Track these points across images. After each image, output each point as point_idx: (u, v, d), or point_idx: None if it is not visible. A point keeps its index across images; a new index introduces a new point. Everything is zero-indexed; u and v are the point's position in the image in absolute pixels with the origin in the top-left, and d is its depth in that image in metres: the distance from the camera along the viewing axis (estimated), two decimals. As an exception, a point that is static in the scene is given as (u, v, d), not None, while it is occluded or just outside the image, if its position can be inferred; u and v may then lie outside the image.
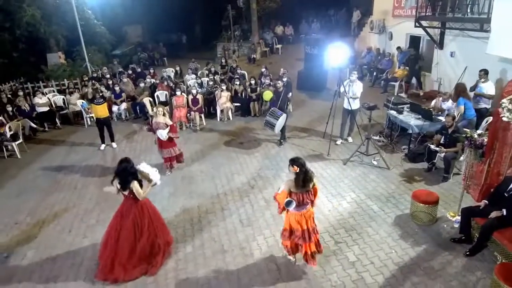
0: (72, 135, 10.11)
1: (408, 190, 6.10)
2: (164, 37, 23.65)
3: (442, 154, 6.13)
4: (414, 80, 11.99)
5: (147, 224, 4.65)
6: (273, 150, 8.20)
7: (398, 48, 12.23)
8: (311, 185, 4.14)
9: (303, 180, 4.05)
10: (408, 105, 7.95)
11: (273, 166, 7.38)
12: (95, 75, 13.06)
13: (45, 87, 12.71)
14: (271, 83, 10.31)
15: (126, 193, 4.53)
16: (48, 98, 10.96)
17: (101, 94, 8.72)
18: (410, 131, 7.20)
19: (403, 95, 10.61)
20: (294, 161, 4.09)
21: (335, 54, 7.18)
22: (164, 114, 6.96)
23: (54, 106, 10.99)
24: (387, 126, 8.25)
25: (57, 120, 10.72)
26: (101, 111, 8.46)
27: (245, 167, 7.46)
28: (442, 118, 7.21)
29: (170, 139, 7.04)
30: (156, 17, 22.09)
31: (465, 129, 5.69)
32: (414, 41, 11.96)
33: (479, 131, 5.01)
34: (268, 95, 10.09)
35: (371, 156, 7.23)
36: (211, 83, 11.04)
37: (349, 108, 7.75)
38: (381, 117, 8.95)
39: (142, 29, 22.60)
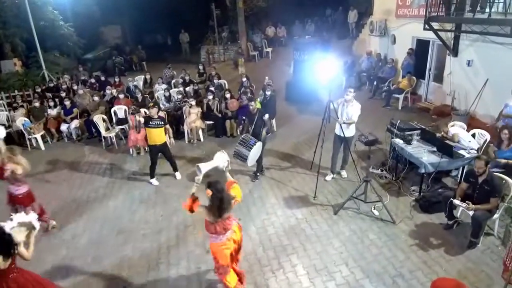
0: (9, 160, 8.35)
1: (422, 262, 4.34)
2: (149, 39, 21.95)
3: (471, 212, 4.37)
4: (422, 91, 10.26)
5: None
6: (245, 187, 6.42)
7: (410, 49, 10.34)
8: (227, 214, 3.61)
9: (219, 209, 3.52)
10: (419, 132, 6.17)
11: (241, 214, 5.61)
12: (51, 85, 11.29)
13: (-7, 100, 10.96)
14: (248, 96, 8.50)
15: (7, 264, 3.19)
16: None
17: (157, 115, 6.54)
18: (423, 170, 5.43)
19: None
20: (210, 185, 3.55)
21: (324, 70, 5.44)
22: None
23: (-6, 124, 9.23)
24: (391, 157, 6.46)
25: (-5, 141, 8.96)
26: (157, 136, 6.42)
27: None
28: (464, 153, 5.45)
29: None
30: (139, 17, 20.31)
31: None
32: (422, 45, 10.18)
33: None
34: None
35: (370, 203, 5.47)
36: (179, 96, 9.26)
37: (342, 135, 5.98)
38: (383, 141, 7.21)
39: (122, 29, 20.77)
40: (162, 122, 6.51)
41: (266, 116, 6.27)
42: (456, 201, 4.42)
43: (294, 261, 4.51)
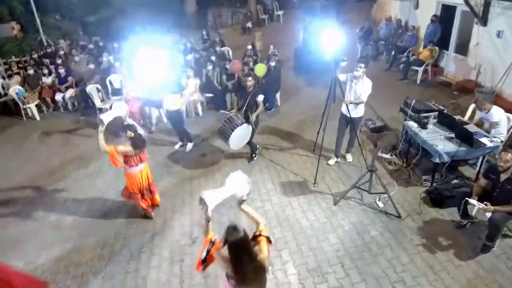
0: (3, 131, 8.11)
1: (427, 266, 3.89)
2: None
3: (488, 214, 3.84)
4: (444, 64, 9.35)
5: None
6: (241, 168, 5.97)
7: (434, 16, 9.27)
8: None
9: (139, 143, 4.31)
10: (436, 114, 5.49)
11: (234, 201, 5.19)
12: (49, 50, 10.79)
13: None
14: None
15: None
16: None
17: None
18: (437, 160, 4.84)
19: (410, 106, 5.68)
20: (128, 128, 4.28)
21: (328, 41, 4.75)
22: None
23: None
24: (403, 140, 5.85)
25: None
26: (169, 101, 6.30)
27: (196, 199, 5.30)
28: (486, 141, 4.80)
29: None
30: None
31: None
32: (447, 11, 9.13)
33: None
34: (261, 69, 7.87)
35: (375, 194, 4.97)
36: (177, 66, 8.66)
37: (348, 116, 5.37)
38: (396, 120, 6.55)
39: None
40: (176, 88, 6.28)
41: (260, 97, 5.62)
42: (472, 201, 3.87)
43: (285, 258, 4.13)
